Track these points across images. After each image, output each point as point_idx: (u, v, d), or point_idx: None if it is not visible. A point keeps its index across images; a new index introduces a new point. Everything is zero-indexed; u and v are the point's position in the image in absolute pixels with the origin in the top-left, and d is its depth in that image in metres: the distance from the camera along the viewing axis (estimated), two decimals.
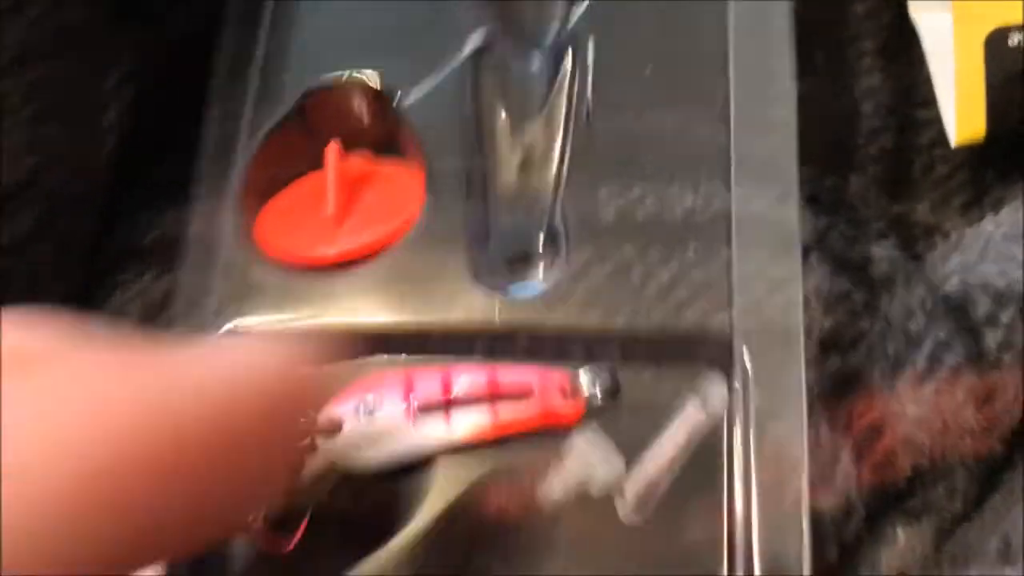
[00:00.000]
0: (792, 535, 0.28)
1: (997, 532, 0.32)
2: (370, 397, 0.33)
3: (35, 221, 0.36)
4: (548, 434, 0.33)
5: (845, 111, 0.40)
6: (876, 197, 0.39)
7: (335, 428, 0.33)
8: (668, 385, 0.33)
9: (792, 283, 0.32)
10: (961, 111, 0.37)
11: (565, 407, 0.33)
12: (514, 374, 0.33)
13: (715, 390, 0.32)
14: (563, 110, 0.36)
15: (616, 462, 0.32)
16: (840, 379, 0.32)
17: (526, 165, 0.36)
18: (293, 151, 0.38)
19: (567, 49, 0.37)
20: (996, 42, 0.37)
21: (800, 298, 0.31)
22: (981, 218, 0.38)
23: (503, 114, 0.37)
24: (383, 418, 0.33)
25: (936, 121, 0.40)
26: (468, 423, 0.32)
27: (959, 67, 0.37)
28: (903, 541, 0.31)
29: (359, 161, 0.38)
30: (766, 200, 0.33)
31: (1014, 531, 0.31)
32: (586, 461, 0.32)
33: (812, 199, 0.35)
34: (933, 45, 0.39)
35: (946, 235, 0.37)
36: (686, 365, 0.33)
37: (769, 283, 0.32)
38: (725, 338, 0.32)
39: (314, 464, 0.33)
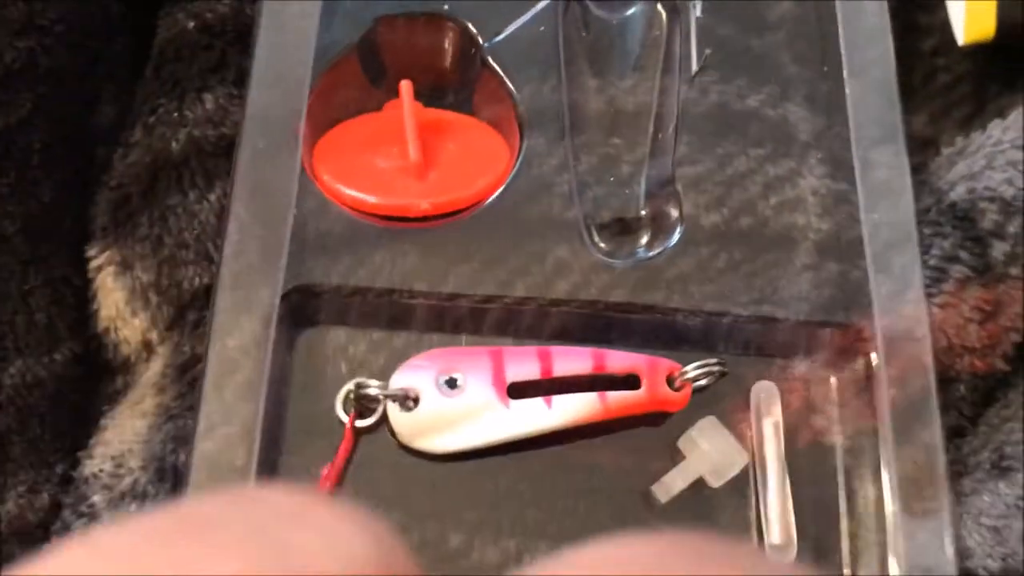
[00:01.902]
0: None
1: (991, 445, 0.31)
2: (452, 368, 0.29)
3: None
4: (654, 420, 0.30)
5: None
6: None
7: (412, 401, 0.29)
8: (776, 371, 0.31)
9: (916, 292, 0.30)
10: (971, 7, 0.35)
11: (672, 395, 0.30)
12: (620, 359, 0.30)
13: (769, 397, 0.30)
14: (660, 67, 0.33)
15: (739, 454, 0.29)
16: (841, 287, 0.31)
17: (623, 122, 0.33)
18: (352, 88, 0.33)
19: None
20: None
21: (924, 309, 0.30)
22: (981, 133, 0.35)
23: (592, 68, 0.33)
24: (469, 396, 0.29)
25: (938, 29, 0.38)
26: (573, 408, 0.29)
27: None
28: None
29: (417, 106, 0.33)
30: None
31: (1008, 443, 0.31)
32: (708, 455, 0.29)
33: (810, 98, 0.33)
34: None
35: (940, 150, 0.35)
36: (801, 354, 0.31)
37: (894, 281, 0.31)
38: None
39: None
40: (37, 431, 0.33)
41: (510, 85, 0.32)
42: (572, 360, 0.30)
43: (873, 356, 0.30)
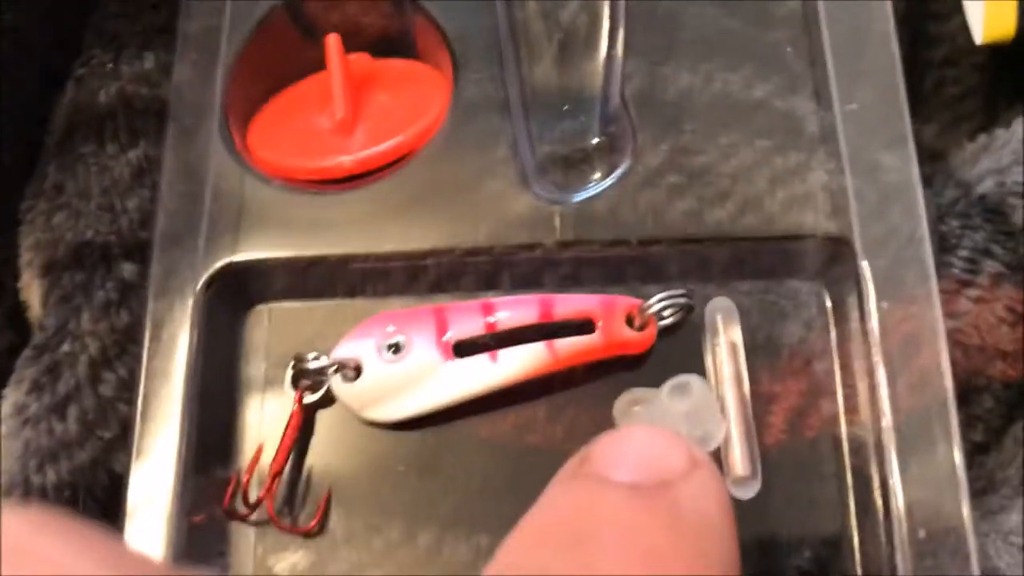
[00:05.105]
0: None
1: (1017, 461, 0.29)
2: (394, 332, 0.28)
3: None
4: (615, 366, 0.27)
5: None
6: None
7: (353, 371, 0.27)
8: (755, 300, 0.28)
9: (908, 183, 0.27)
10: (991, 6, 0.33)
11: (633, 336, 0.27)
12: (570, 303, 0.27)
13: (727, 315, 0.28)
14: None
15: (715, 421, 0.26)
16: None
17: (570, 47, 0.30)
18: (285, 47, 0.32)
19: None
20: None
21: (921, 201, 0.27)
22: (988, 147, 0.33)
23: None
24: (413, 359, 0.27)
25: (949, 38, 0.36)
26: (519, 360, 0.27)
27: None
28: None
29: (364, 58, 0.32)
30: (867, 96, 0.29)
31: None
32: (681, 423, 0.26)
33: (819, 94, 0.30)
34: None
35: (964, 145, 0.33)
36: (781, 277, 0.28)
37: (877, 182, 0.27)
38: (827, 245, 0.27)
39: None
40: None
41: (440, 21, 0.30)
42: (518, 310, 0.27)
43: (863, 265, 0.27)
